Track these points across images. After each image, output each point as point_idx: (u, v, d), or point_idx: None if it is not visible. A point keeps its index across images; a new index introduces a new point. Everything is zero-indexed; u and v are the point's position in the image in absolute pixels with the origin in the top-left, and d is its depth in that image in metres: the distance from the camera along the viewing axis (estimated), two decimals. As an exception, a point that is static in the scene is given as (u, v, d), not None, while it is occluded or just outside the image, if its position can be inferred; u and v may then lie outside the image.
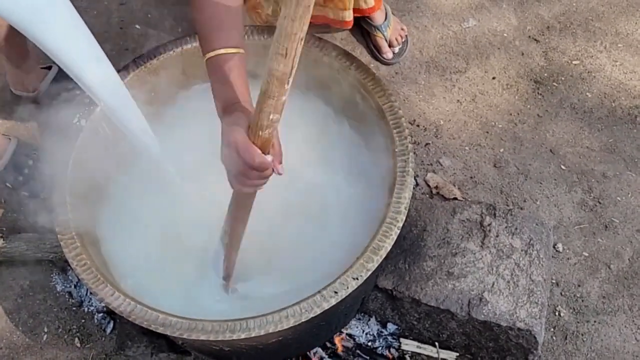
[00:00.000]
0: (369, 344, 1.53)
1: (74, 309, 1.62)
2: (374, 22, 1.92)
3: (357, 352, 1.51)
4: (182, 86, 1.46)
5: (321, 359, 1.51)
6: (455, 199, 1.70)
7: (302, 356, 1.51)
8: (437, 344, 1.51)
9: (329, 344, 1.52)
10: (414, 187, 1.72)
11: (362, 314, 1.56)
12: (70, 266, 1.18)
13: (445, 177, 1.78)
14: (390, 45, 1.95)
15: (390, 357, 1.52)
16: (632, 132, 1.85)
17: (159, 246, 1.34)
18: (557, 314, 1.58)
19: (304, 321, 1.06)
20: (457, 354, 1.52)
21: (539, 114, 1.89)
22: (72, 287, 1.64)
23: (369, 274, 1.11)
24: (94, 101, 1.34)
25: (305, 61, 1.40)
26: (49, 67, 1.84)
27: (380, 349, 1.53)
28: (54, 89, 1.82)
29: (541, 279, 1.44)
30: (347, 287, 1.09)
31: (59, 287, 1.64)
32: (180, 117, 1.47)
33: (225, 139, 0.98)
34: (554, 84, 1.94)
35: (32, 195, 1.72)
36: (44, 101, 1.84)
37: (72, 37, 1.02)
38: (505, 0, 2.11)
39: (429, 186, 1.75)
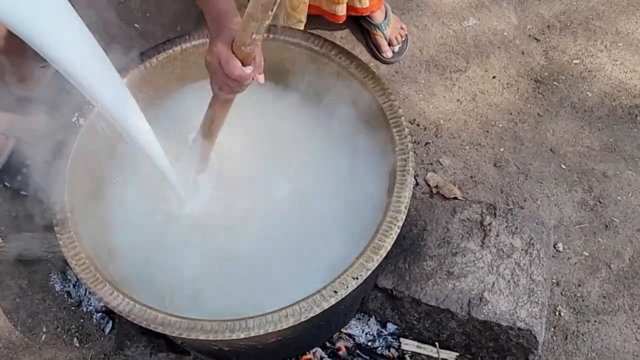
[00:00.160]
0: (369, 343, 1.53)
1: (73, 308, 1.62)
2: (373, 20, 1.92)
3: (357, 352, 1.51)
4: (182, 85, 1.46)
5: (321, 358, 1.50)
6: (455, 198, 1.70)
7: (302, 356, 1.51)
8: (437, 344, 1.51)
9: (328, 344, 1.52)
10: (414, 187, 1.72)
11: (361, 314, 1.55)
12: (69, 266, 1.17)
13: (445, 177, 1.77)
14: (390, 44, 1.95)
15: (390, 357, 1.51)
16: (632, 131, 1.85)
17: (157, 245, 1.34)
18: (557, 313, 1.58)
19: (303, 321, 1.06)
20: (457, 354, 1.52)
21: (540, 113, 1.88)
22: (71, 286, 1.63)
23: (369, 273, 1.10)
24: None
25: (304, 60, 1.41)
26: (48, 65, 1.84)
27: (380, 348, 1.52)
28: (53, 87, 1.82)
29: (541, 279, 1.44)
30: (347, 287, 1.08)
31: (58, 287, 1.64)
32: (180, 116, 1.47)
33: (210, 49, 1.08)
34: (555, 83, 1.94)
35: (31, 194, 1.72)
36: (43, 99, 1.83)
37: (73, 44, 1.01)
38: (505, -1, 2.11)
39: (429, 185, 1.75)
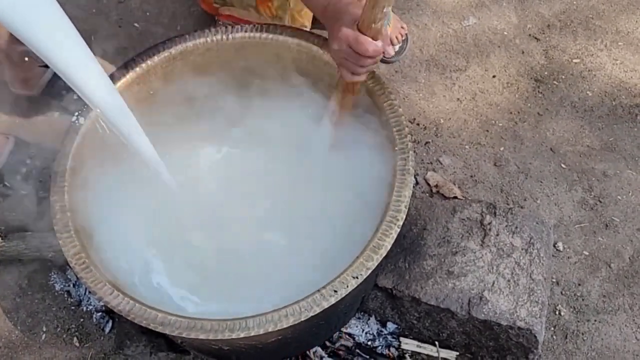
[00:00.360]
0: (369, 343, 1.53)
1: (73, 308, 1.62)
2: (373, 20, 1.92)
3: (357, 351, 1.51)
4: (182, 85, 1.46)
5: (321, 358, 1.50)
6: (455, 197, 1.70)
7: (302, 355, 1.51)
8: (437, 343, 1.51)
9: (328, 343, 1.52)
10: (414, 186, 1.72)
11: (361, 313, 1.55)
12: (69, 265, 1.17)
13: (445, 176, 1.77)
14: (390, 43, 1.95)
15: (390, 356, 1.51)
16: (632, 130, 1.85)
17: (156, 245, 1.34)
18: (557, 313, 1.58)
19: (303, 320, 1.06)
20: (457, 353, 1.52)
21: (540, 112, 1.88)
22: (71, 286, 1.63)
23: (369, 272, 1.10)
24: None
25: (305, 60, 1.40)
26: (47, 65, 1.83)
27: (380, 348, 1.52)
28: (53, 87, 1.82)
29: (541, 278, 1.44)
30: (347, 286, 1.08)
31: (58, 286, 1.64)
32: (180, 116, 1.46)
33: (334, 36, 1.08)
34: (555, 82, 1.93)
35: (31, 194, 1.72)
36: (43, 99, 1.83)
37: (60, 38, 1.01)
38: (505, -2, 2.11)
39: (429, 185, 1.75)
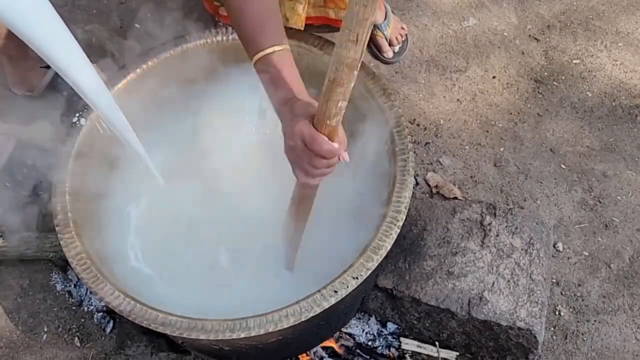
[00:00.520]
0: (369, 343, 1.53)
1: (74, 308, 1.62)
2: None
3: (357, 351, 1.51)
4: (182, 85, 1.46)
5: (321, 358, 1.50)
6: (455, 198, 1.70)
7: (302, 355, 1.51)
8: (438, 344, 1.51)
9: (328, 343, 1.52)
10: (414, 187, 1.72)
11: (362, 313, 1.56)
12: (70, 265, 1.17)
13: (445, 177, 1.77)
14: (390, 44, 1.95)
15: (390, 356, 1.52)
16: (632, 131, 1.85)
17: (157, 244, 1.34)
18: (557, 313, 1.58)
19: (303, 320, 1.06)
20: (457, 354, 1.52)
21: (539, 113, 1.89)
22: (72, 286, 1.64)
23: (369, 273, 1.10)
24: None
25: (305, 61, 1.41)
26: (49, 67, 1.84)
27: (380, 348, 1.52)
28: (53, 88, 1.82)
29: (541, 279, 1.44)
30: (347, 286, 1.08)
31: (59, 287, 1.64)
32: (180, 115, 1.47)
33: (289, 132, 0.99)
34: (555, 83, 1.94)
35: (32, 194, 1.72)
36: (44, 100, 1.83)
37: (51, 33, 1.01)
38: (505, -1, 2.11)
39: (429, 185, 1.75)
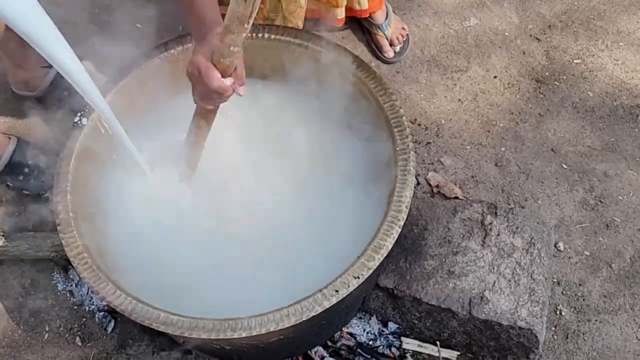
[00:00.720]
0: (370, 342, 1.53)
1: (75, 307, 1.62)
2: (375, 21, 1.92)
3: (358, 351, 1.51)
4: (182, 85, 1.46)
5: (322, 358, 1.50)
6: (456, 197, 1.70)
7: (303, 355, 1.51)
8: (438, 343, 1.51)
9: (330, 343, 1.52)
10: (415, 186, 1.72)
11: (363, 313, 1.56)
12: (71, 265, 1.18)
13: (446, 176, 1.77)
14: (391, 44, 1.95)
15: (391, 356, 1.52)
16: (633, 131, 1.85)
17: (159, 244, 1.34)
18: (558, 312, 1.58)
19: (305, 320, 1.06)
20: (458, 353, 1.52)
21: (541, 112, 1.89)
22: (74, 285, 1.64)
23: (370, 272, 1.11)
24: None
25: (305, 60, 1.41)
26: (50, 66, 1.84)
27: (381, 347, 1.53)
28: (55, 88, 1.82)
29: (542, 278, 1.44)
30: (348, 286, 1.09)
31: (60, 286, 1.64)
32: (181, 115, 1.47)
33: (191, 59, 1.09)
34: (556, 82, 1.94)
35: (33, 194, 1.72)
36: (45, 100, 1.84)
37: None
38: (506, -1, 2.11)
39: (430, 185, 1.75)
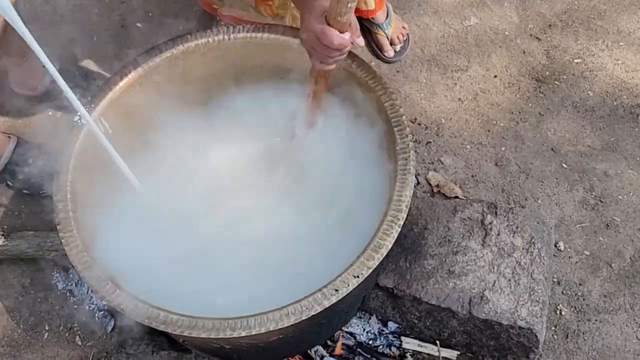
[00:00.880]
0: (370, 342, 1.53)
1: (75, 307, 1.62)
2: (375, 20, 1.92)
3: (358, 350, 1.51)
4: (183, 85, 1.46)
5: (322, 357, 1.50)
6: (456, 197, 1.70)
7: (303, 354, 1.51)
8: (438, 343, 1.51)
9: (329, 342, 1.52)
10: (415, 186, 1.72)
11: (363, 312, 1.56)
12: (71, 264, 1.18)
13: (446, 176, 1.77)
14: (391, 43, 1.95)
15: (391, 355, 1.52)
16: (633, 130, 1.85)
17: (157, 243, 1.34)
18: (558, 312, 1.58)
19: (304, 319, 1.06)
20: (458, 353, 1.52)
21: (541, 112, 1.89)
22: (73, 285, 1.64)
23: (370, 272, 1.11)
24: (94, 100, 1.35)
25: (306, 60, 1.41)
26: (50, 66, 1.84)
27: (381, 347, 1.53)
28: (55, 87, 1.82)
29: (542, 278, 1.44)
30: (348, 285, 1.08)
31: (60, 285, 1.65)
32: (181, 115, 1.47)
33: (304, 26, 1.11)
34: (556, 82, 1.94)
35: (33, 193, 1.73)
36: (45, 99, 1.84)
37: None
38: (506, -2, 2.11)
39: (430, 185, 1.75)
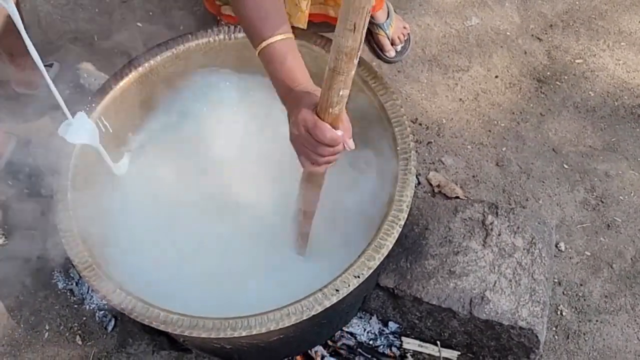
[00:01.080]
0: (371, 342, 1.53)
1: (76, 306, 1.62)
2: (376, 20, 1.92)
3: (359, 350, 1.51)
4: (184, 84, 1.46)
5: (322, 357, 1.50)
6: (457, 197, 1.70)
7: (304, 354, 1.51)
8: (439, 343, 1.51)
9: (330, 342, 1.52)
10: (416, 186, 1.72)
11: (363, 313, 1.56)
12: (72, 264, 1.18)
13: (447, 176, 1.77)
14: (392, 43, 1.95)
15: (391, 355, 1.52)
16: (635, 131, 1.85)
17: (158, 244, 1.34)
18: (559, 313, 1.58)
19: (305, 319, 1.06)
20: (459, 353, 1.52)
21: (542, 112, 1.88)
22: (74, 284, 1.64)
23: (371, 272, 1.11)
24: (95, 98, 1.35)
25: (307, 60, 1.41)
26: (51, 65, 1.84)
27: (381, 347, 1.52)
28: (56, 86, 1.82)
29: (543, 278, 1.44)
30: (349, 285, 1.09)
31: (61, 285, 1.64)
32: (181, 114, 1.47)
33: (293, 120, 1.00)
34: (557, 82, 1.93)
35: (34, 192, 1.72)
36: (45, 98, 1.83)
37: None
38: (508, -2, 2.11)
39: (431, 185, 1.75)
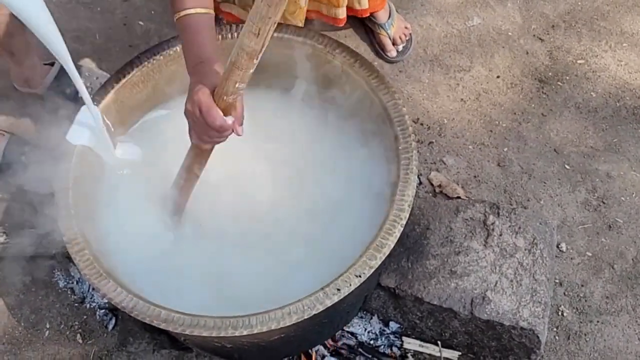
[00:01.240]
0: (371, 342, 1.53)
1: (76, 305, 1.62)
2: (377, 20, 1.92)
3: (359, 350, 1.51)
4: (186, 82, 1.46)
5: (323, 357, 1.50)
6: (458, 197, 1.70)
7: (304, 354, 1.51)
8: (440, 343, 1.51)
9: (331, 342, 1.52)
10: (417, 186, 1.72)
11: (364, 312, 1.56)
12: (72, 262, 1.18)
13: (448, 176, 1.77)
14: (394, 43, 1.95)
15: (392, 355, 1.51)
16: (636, 131, 1.84)
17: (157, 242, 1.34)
18: (560, 313, 1.57)
19: (306, 318, 1.06)
20: (460, 353, 1.52)
21: (543, 113, 1.88)
22: (75, 283, 1.64)
23: (372, 271, 1.10)
24: (97, 97, 1.35)
25: (308, 59, 1.41)
26: (52, 64, 1.84)
27: (382, 347, 1.52)
28: (57, 85, 1.82)
29: (544, 279, 1.43)
30: (350, 285, 1.08)
31: (61, 283, 1.64)
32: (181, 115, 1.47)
33: (190, 97, 1.04)
34: (559, 83, 1.93)
35: (34, 191, 1.72)
36: (47, 98, 1.84)
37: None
38: (510, -2, 2.11)
39: (433, 185, 1.75)
